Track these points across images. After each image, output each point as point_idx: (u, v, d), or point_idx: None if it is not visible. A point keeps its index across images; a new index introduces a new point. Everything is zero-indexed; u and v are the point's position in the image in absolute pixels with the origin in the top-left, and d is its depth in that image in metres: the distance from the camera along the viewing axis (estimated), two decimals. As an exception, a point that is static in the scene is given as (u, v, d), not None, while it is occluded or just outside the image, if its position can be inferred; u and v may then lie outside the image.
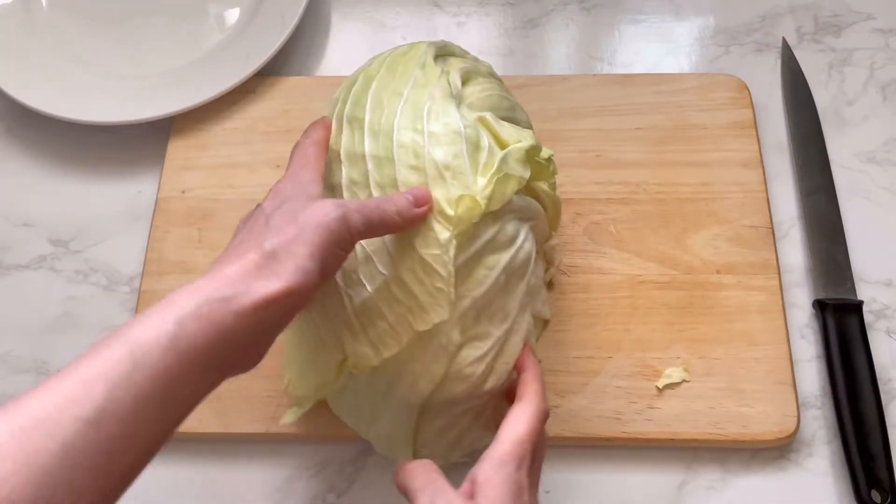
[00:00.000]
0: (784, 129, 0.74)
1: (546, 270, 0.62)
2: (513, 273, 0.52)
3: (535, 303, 0.55)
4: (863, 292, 0.67)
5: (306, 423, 0.62)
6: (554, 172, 0.57)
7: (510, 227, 0.52)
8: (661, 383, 0.62)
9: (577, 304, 0.65)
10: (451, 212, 0.49)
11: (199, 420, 0.62)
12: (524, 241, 0.53)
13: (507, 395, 0.54)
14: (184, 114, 0.74)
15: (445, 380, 0.51)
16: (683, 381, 0.62)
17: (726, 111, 0.73)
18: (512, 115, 0.57)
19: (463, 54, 0.59)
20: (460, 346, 0.50)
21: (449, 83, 0.54)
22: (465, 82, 0.55)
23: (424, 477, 0.46)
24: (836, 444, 0.61)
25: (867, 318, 0.66)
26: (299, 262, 0.44)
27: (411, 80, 0.53)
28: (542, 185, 0.56)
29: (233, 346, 0.42)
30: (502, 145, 0.52)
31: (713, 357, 0.63)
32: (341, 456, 0.63)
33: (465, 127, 0.51)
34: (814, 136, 0.72)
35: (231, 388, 0.63)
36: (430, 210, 0.50)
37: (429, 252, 0.49)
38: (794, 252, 0.69)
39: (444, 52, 0.57)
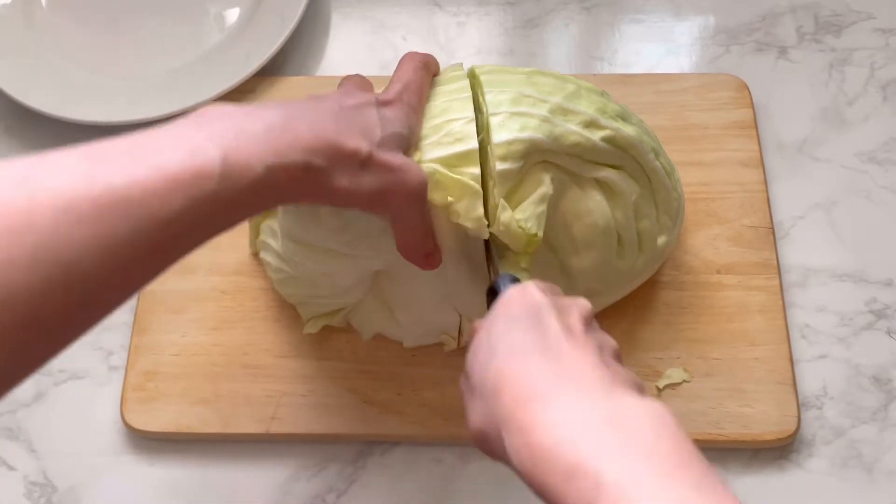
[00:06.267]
0: (784, 129, 0.74)
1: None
2: None
3: None
4: (863, 292, 0.67)
5: (306, 423, 0.62)
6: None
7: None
8: (661, 383, 0.62)
9: (577, 304, 0.65)
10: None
11: (199, 420, 0.62)
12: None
13: None
14: (184, 113, 0.74)
15: None
16: (684, 381, 0.62)
17: (726, 111, 0.73)
18: None
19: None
20: None
21: None
22: None
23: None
24: (837, 445, 0.62)
25: (867, 318, 0.66)
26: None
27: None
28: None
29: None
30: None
31: (713, 357, 0.63)
32: (341, 456, 0.63)
33: None
34: None
35: (231, 388, 0.63)
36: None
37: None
38: (795, 252, 0.68)
39: None
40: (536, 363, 0.41)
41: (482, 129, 0.55)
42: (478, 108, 0.56)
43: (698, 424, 0.61)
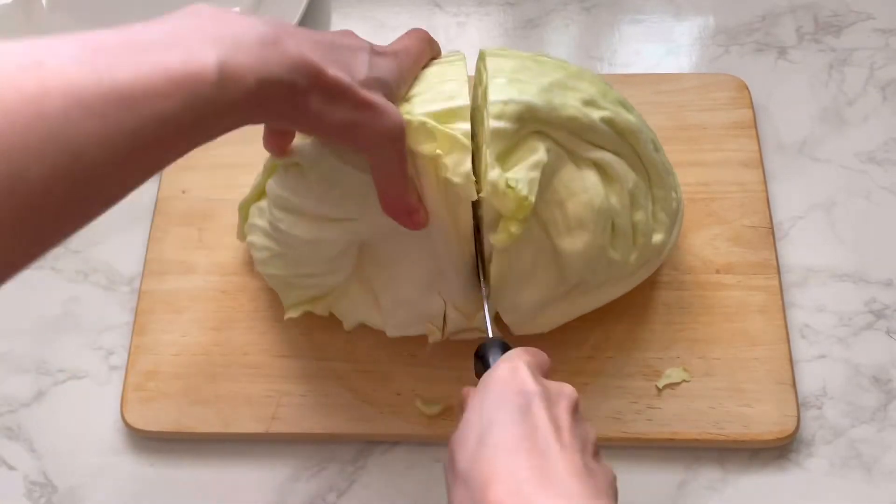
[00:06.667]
0: (784, 129, 0.74)
1: None
2: None
3: None
4: (863, 292, 0.67)
5: (306, 422, 0.62)
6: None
7: None
8: (660, 383, 0.62)
9: (576, 304, 0.65)
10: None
11: (200, 420, 0.63)
12: None
13: None
14: (184, 114, 0.74)
15: None
16: (683, 380, 0.62)
17: (726, 111, 0.73)
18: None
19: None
20: None
21: None
22: None
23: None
24: (837, 445, 0.62)
25: (867, 318, 0.66)
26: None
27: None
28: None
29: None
30: None
31: (713, 357, 0.63)
32: (341, 456, 0.63)
33: None
34: None
35: (231, 388, 0.63)
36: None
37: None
38: (794, 252, 0.69)
39: None
40: (524, 463, 0.42)
41: (481, 96, 0.55)
42: (479, 82, 0.57)
43: (698, 424, 0.61)
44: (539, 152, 0.54)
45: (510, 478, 0.41)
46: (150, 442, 0.64)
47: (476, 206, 0.55)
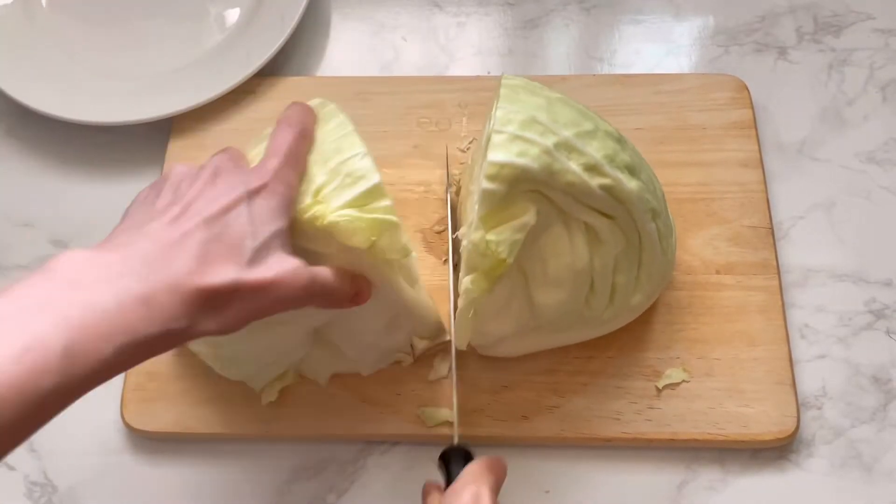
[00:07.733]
0: (784, 129, 0.74)
1: None
2: None
3: None
4: (863, 292, 0.67)
5: (306, 423, 0.62)
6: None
7: None
8: (660, 383, 0.62)
9: (576, 304, 0.65)
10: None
11: (200, 420, 0.63)
12: None
13: None
14: (184, 114, 0.74)
15: None
16: (683, 381, 0.62)
17: (726, 111, 0.73)
18: None
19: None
20: None
21: None
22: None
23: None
24: (836, 445, 0.62)
25: (867, 318, 0.66)
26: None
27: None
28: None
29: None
30: None
31: (713, 357, 0.63)
32: (341, 456, 0.63)
33: None
34: None
35: (231, 388, 0.63)
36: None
37: None
38: (794, 252, 0.69)
39: None
40: None
41: (484, 141, 0.54)
42: (492, 107, 0.55)
43: (698, 424, 0.61)
44: (528, 214, 0.53)
45: None
46: (150, 442, 0.64)
47: (457, 242, 0.55)
